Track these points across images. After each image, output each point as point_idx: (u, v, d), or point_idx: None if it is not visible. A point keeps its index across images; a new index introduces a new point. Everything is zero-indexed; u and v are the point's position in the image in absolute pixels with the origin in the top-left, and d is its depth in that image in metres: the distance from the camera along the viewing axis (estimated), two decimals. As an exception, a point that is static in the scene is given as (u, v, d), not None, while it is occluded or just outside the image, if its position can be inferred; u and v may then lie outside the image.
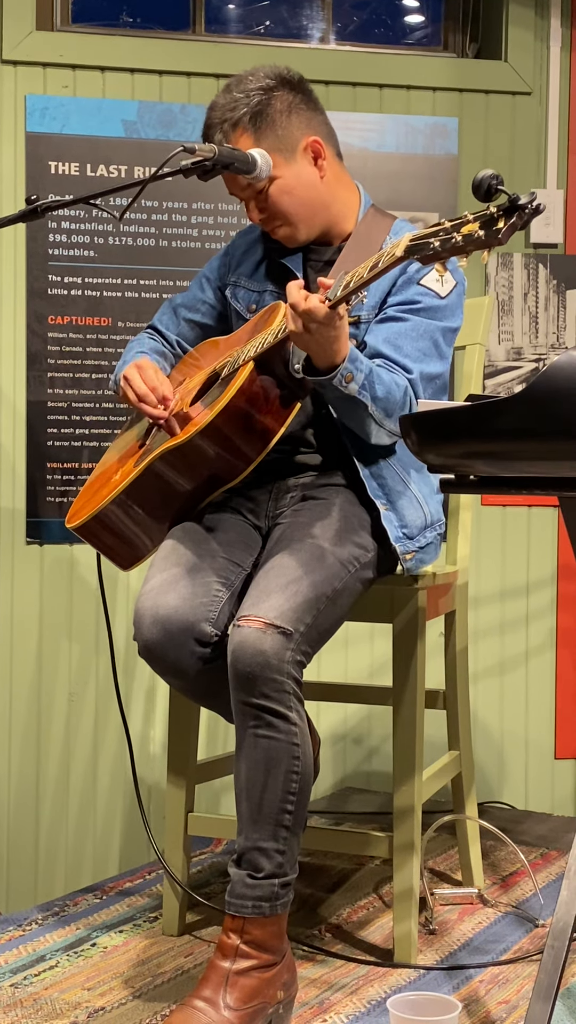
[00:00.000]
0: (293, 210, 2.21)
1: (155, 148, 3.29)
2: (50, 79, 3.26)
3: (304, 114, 2.22)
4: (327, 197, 2.25)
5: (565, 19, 3.49)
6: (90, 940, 2.37)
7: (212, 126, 2.21)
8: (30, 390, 3.26)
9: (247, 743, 1.97)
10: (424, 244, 1.75)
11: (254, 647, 1.93)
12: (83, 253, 3.28)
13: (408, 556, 2.18)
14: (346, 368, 1.98)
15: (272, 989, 1.94)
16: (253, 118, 2.18)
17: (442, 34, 3.64)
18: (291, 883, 1.99)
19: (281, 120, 2.19)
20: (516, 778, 3.51)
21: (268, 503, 2.25)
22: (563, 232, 3.49)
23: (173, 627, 2.03)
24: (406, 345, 2.16)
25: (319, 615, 2.00)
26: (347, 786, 3.43)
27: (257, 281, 2.34)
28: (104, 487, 2.28)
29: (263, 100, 2.18)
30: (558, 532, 3.50)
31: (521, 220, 1.68)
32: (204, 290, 2.44)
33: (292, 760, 1.96)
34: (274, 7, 3.60)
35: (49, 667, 3.29)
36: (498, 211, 1.69)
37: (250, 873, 1.96)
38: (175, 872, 2.34)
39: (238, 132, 2.18)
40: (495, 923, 2.42)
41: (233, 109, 2.18)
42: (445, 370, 2.22)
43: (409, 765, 2.23)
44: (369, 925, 2.42)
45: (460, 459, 1.68)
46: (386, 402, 2.07)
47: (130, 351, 2.41)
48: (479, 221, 1.70)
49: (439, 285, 2.19)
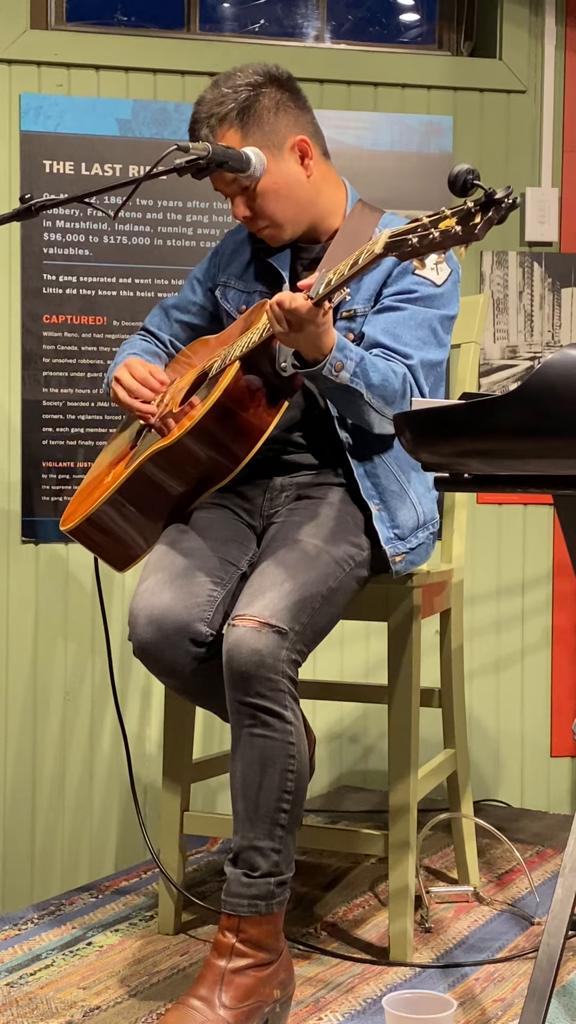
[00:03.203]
0: (279, 208, 2.20)
1: (150, 147, 3.29)
2: (44, 78, 3.26)
3: (292, 112, 2.21)
4: (313, 196, 2.24)
5: (560, 17, 3.49)
6: (86, 939, 2.37)
7: (199, 121, 2.19)
8: (25, 389, 3.26)
9: (243, 742, 1.97)
10: (402, 241, 1.74)
11: (249, 646, 1.93)
12: (78, 252, 3.28)
13: (398, 559, 2.18)
14: (335, 357, 1.98)
15: (268, 988, 1.94)
16: (240, 114, 2.16)
17: (437, 32, 3.64)
18: (287, 882, 1.99)
19: (268, 117, 2.18)
20: (512, 776, 3.51)
21: (263, 502, 2.25)
22: (558, 230, 3.50)
23: (168, 627, 2.03)
24: (405, 334, 2.14)
25: (314, 614, 2.00)
26: (343, 784, 3.44)
27: (246, 281, 2.33)
28: (96, 489, 2.28)
29: (251, 96, 2.17)
30: (553, 530, 3.50)
31: (498, 215, 1.67)
32: (195, 291, 2.43)
33: (288, 759, 1.96)
34: (269, 5, 3.60)
35: (45, 666, 3.28)
36: (475, 206, 1.68)
37: (246, 872, 1.96)
38: (170, 873, 2.34)
39: (224, 127, 2.17)
40: (491, 921, 2.43)
41: (220, 104, 2.17)
42: (444, 358, 2.22)
43: (404, 763, 2.23)
44: (365, 923, 2.42)
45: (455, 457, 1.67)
46: (383, 389, 2.05)
47: (122, 353, 2.41)
48: (456, 216, 1.70)
49: (434, 274, 2.18)
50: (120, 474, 2.20)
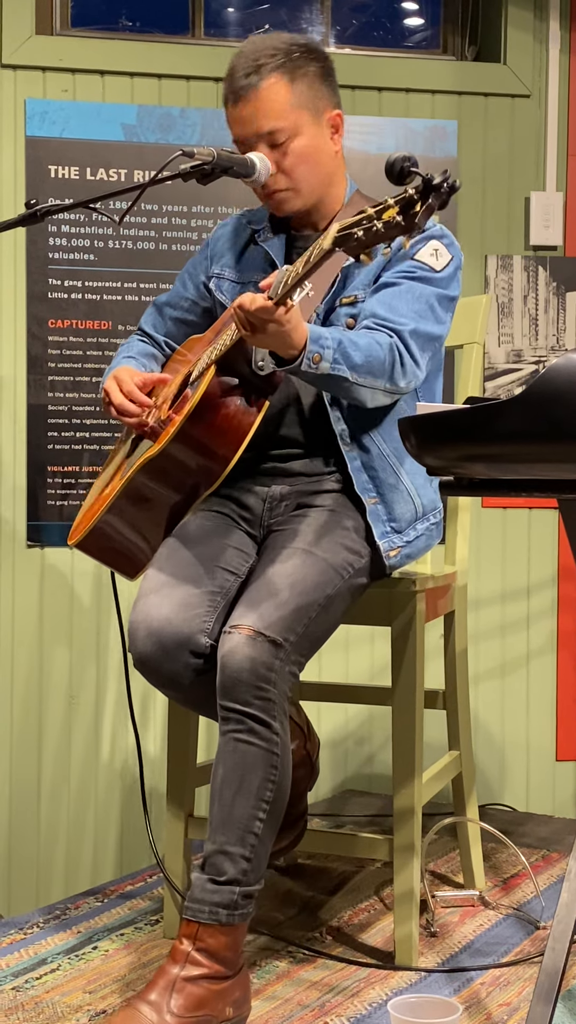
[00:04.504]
0: (304, 172, 2.17)
1: (154, 152, 3.29)
2: (50, 83, 3.27)
3: (332, 86, 2.21)
4: (332, 172, 2.22)
5: (564, 22, 3.49)
6: (91, 943, 2.37)
7: (240, 68, 2.13)
8: (30, 394, 3.27)
9: (226, 747, 1.95)
10: (349, 235, 1.71)
11: (242, 654, 1.91)
12: (83, 257, 3.28)
13: (392, 553, 2.15)
14: (311, 350, 1.95)
15: (221, 1003, 1.90)
16: (291, 68, 2.13)
17: (441, 37, 3.65)
18: (253, 896, 1.95)
19: (315, 81, 2.17)
20: (517, 780, 3.51)
21: (263, 512, 2.23)
22: (562, 234, 3.50)
23: (167, 640, 2.01)
24: (401, 305, 2.11)
25: (311, 623, 1.99)
26: (348, 789, 3.43)
27: (241, 272, 2.31)
28: (97, 502, 2.29)
29: (302, 56, 2.15)
30: (558, 534, 3.50)
31: (438, 200, 1.64)
32: (187, 287, 2.41)
33: (269, 768, 1.94)
34: (273, 10, 3.61)
35: (49, 670, 3.29)
36: (415, 193, 1.65)
37: (212, 878, 1.93)
38: (174, 879, 2.34)
39: (273, 76, 2.13)
40: (496, 925, 2.42)
41: (271, 56, 2.13)
42: (443, 334, 2.19)
43: (409, 767, 2.23)
44: (370, 927, 2.42)
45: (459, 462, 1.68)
46: (368, 366, 2.02)
47: (118, 356, 2.40)
48: (399, 205, 1.67)
49: (433, 259, 2.16)
50: (116, 486, 2.21)
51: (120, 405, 2.21)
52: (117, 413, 2.22)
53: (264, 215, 2.34)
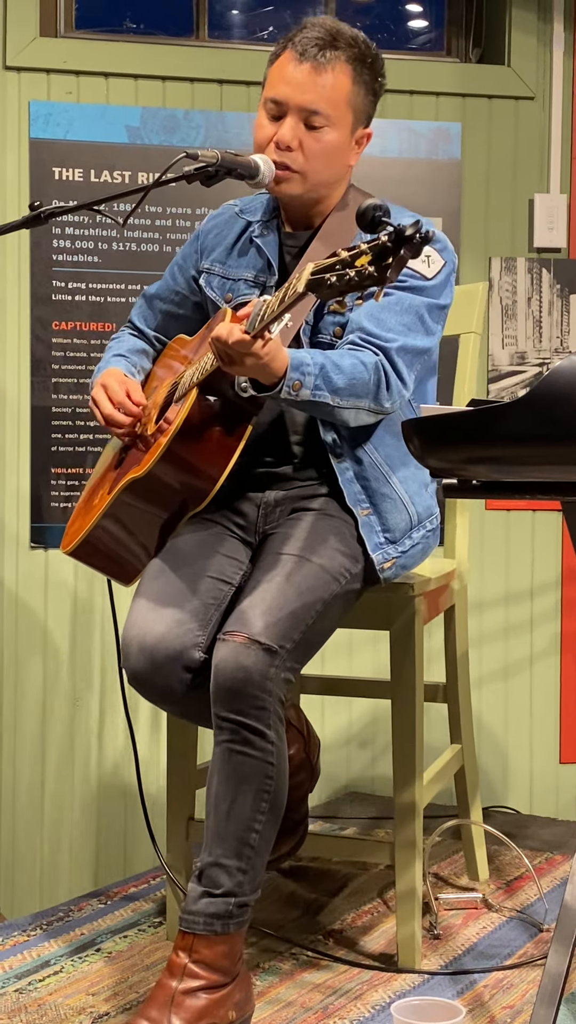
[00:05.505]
0: (320, 163, 2.15)
1: (158, 154, 3.30)
2: (54, 85, 3.27)
3: (375, 105, 2.21)
4: (338, 182, 2.21)
5: (568, 24, 3.49)
6: (94, 945, 2.37)
7: (313, 35, 2.13)
8: (34, 395, 3.27)
9: (221, 758, 1.93)
10: (321, 280, 1.70)
11: (236, 662, 1.90)
12: (87, 259, 3.28)
13: (387, 565, 2.13)
14: (291, 378, 1.94)
15: (223, 1009, 1.90)
16: (359, 66, 2.14)
17: (445, 39, 3.65)
18: (249, 905, 1.95)
19: (369, 92, 2.18)
20: (521, 782, 3.50)
21: (258, 518, 2.21)
22: (566, 237, 3.50)
23: (160, 656, 1.99)
24: (389, 319, 2.10)
25: (307, 630, 1.98)
26: (350, 791, 3.43)
27: (231, 268, 2.28)
28: (87, 512, 2.28)
29: (373, 63, 2.17)
30: (562, 536, 3.49)
31: (411, 252, 1.64)
32: (176, 280, 2.39)
33: (265, 779, 1.93)
34: (277, 12, 3.61)
35: (53, 672, 3.29)
36: (388, 240, 1.64)
37: (207, 890, 1.92)
38: (178, 878, 2.34)
39: (343, 61, 2.13)
40: (499, 928, 2.42)
41: (351, 45, 2.14)
42: (432, 346, 2.17)
43: (409, 765, 2.22)
44: (373, 930, 2.42)
45: (463, 464, 1.68)
46: (351, 388, 2.01)
47: (108, 352, 2.38)
48: (372, 252, 1.65)
49: (424, 267, 2.14)
50: (105, 498, 2.20)
51: (109, 416, 2.20)
52: (106, 424, 2.21)
53: (258, 207, 2.31)
